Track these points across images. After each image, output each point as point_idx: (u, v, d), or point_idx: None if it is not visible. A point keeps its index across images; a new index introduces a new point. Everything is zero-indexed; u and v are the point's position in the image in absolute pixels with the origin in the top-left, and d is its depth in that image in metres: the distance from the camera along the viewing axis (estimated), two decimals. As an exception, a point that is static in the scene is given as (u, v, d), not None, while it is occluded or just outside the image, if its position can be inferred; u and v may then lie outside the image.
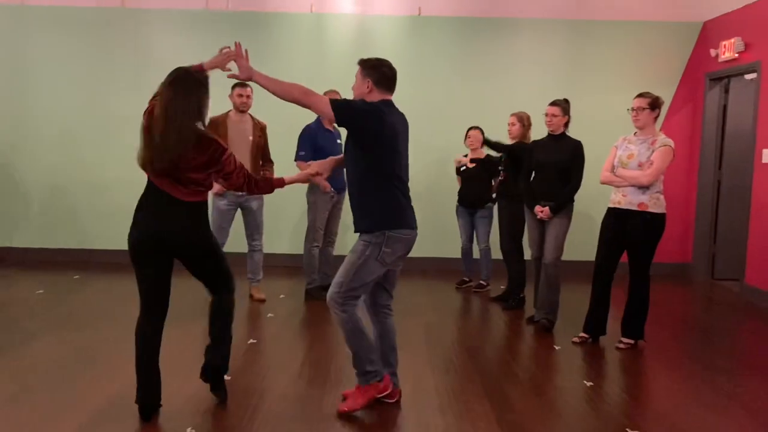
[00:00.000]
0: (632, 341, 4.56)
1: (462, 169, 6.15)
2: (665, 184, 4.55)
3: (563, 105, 4.89)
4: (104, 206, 7.10)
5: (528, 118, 5.59)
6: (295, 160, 5.55)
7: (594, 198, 5.92)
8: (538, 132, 5.23)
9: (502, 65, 7.21)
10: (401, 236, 3.23)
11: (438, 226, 7.17)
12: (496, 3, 6.79)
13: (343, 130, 3.29)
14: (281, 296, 5.82)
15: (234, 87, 5.34)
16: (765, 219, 6.08)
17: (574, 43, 7.23)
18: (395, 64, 3.37)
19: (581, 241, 6.31)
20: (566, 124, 4.93)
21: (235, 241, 5.96)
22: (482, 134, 5.92)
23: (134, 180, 5.03)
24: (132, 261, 3.10)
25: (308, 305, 5.57)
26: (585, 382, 3.86)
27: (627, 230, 4.43)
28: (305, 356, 4.21)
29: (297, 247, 6.37)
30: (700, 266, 7.23)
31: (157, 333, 3.16)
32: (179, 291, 3.43)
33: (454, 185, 6.40)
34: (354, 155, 3.24)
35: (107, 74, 7.12)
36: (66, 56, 7.13)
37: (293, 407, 3.38)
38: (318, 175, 3.48)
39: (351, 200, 3.33)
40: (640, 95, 4.46)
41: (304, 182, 3.37)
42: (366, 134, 3.15)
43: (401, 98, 6.70)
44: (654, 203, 4.36)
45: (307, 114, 5.73)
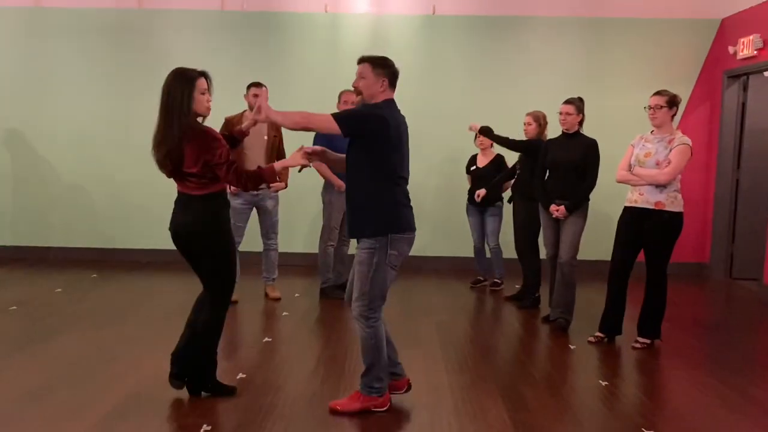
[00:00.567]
0: (648, 341, 4.52)
1: (472, 169, 6.14)
2: (683, 183, 4.52)
3: (577, 103, 4.86)
4: (122, 206, 7.18)
5: (544, 117, 5.56)
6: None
7: (610, 197, 5.88)
8: (555, 131, 5.20)
9: (517, 64, 7.18)
10: (404, 237, 3.23)
11: (451, 225, 7.17)
12: (511, 1, 6.77)
13: None
14: (296, 295, 5.85)
15: (249, 87, 5.38)
16: (784, 218, 6.00)
17: (590, 41, 7.18)
18: (410, 63, 3.41)
19: (597, 241, 6.27)
20: (581, 123, 4.90)
21: (251, 240, 6.00)
22: (488, 131, 5.71)
23: (151, 180, 5.11)
24: None
25: (323, 304, 5.60)
26: (600, 382, 3.84)
27: (644, 229, 4.40)
28: (320, 355, 4.23)
29: (312, 246, 6.39)
30: (718, 265, 7.15)
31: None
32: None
33: (465, 183, 6.37)
34: (357, 159, 3.22)
35: (124, 75, 7.19)
36: (83, 58, 7.21)
37: (307, 405, 3.40)
38: (307, 159, 3.35)
39: (350, 204, 3.26)
40: (657, 93, 4.42)
41: (297, 165, 3.33)
42: (373, 139, 3.15)
43: (414, 97, 6.77)
44: (671, 202, 4.33)
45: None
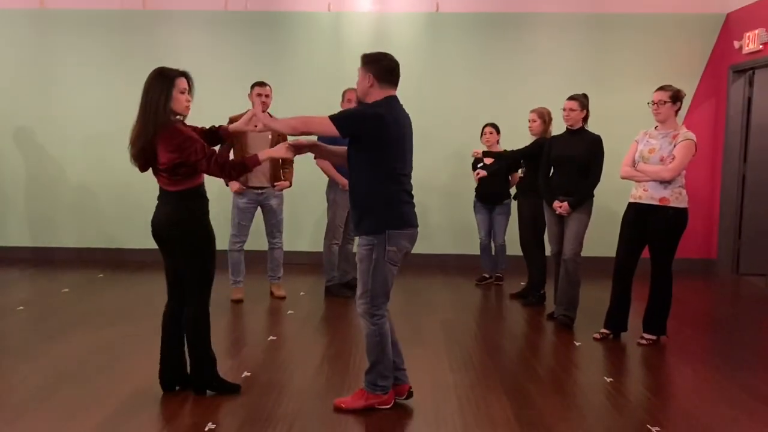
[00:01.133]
0: (654, 337, 4.51)
1: (479, 166, 6.13)
2: (688, 179, 4.49)
3: (581, 99, 4.85)
4: (128, 206, 7.19)
5: (549, 114, 5.55)
6: (315, 158, 5.57)
7: (614, 193, 5.85)
8: (560, 128, 5.19)
9: (521, 60, 7.16)
10: (403, 233, 3.21)
11: (457, 223, 7.18)
12: (514, -2, 6.77)
13: None
14: (301, 293, 5.86)
15: (253, 86, 5.38)
16: (791, 213, 5.96)
17: (594, 37, 7.15)
18: (414, 62, 3.38)
19: (602, 237, 6.25)
20: (585, 119, 4.89)
21: (256, 239, 6.02)
22: (490, 153, 5.91)
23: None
24: None
25: (328, 302, 5.61)
26: (605, 379, 3.83)
27: (648, 225, 4.38)
28: (324, 353, 4.24)
29: (317, 245, 6.40)
30: (725, 261, 7.12)
31: (173, 316, 3.41)
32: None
33: (471, 181, 6.36)
34: (358, 158, 3.21)
35: (129, 75, 7.17)
36: (89, 59, 7.23)
37: (312, 404, 3.40)
38: (293, 151, 3.34)
39: (353, 202, 3.27)
40: (661, 88, 4.40)
41: (284, 156, 3.35)
42: (371, 138, 3.13)
43: (420, 95, 6.77)
44: (676, 198, 4.31)
45: (327, 113, 5.80)
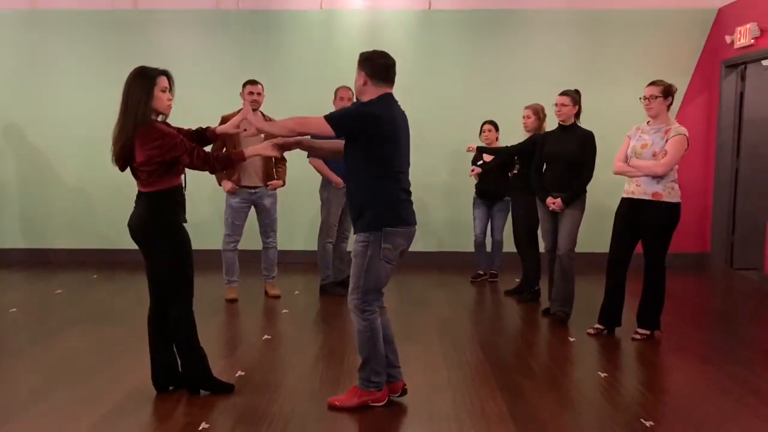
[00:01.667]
0: (648, 332, 4.52)
1: (479, 163, 6.13)
2: (682, 173, 4.51)
3: (573, 95, 4.85)
4: (121, 207, 7.11)
5: (543, 110, 5.56)
6: (308, 156, 5.56)
7: (607, 188, 5.87)
8: (554, 124, 5.19)
9: (514, 57, 7.16)
10: (399, 230, 3.20)
11: (453, 220, 7.18)
12: (507, -6, 6.77)
13: None
14: (296, 292, 5.86)
15: (245, 85, 5.37)
16: (784, 207, 5.98)
17: (587, 33, 7.15)
18: (407, 59, 3.37)
19: (595, 232, 6.26)
20: (577, 115, 4.89)
21: (250, 239, 6.01)
22: (486, 149, 5.98)
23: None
24: None
25: (323, 301, 5.60)
26: (600, 374, 3.84)
27: (641, 220, 4.39)
28: (319, 352, 4.24)
29: (311, 244, 6.39)
30: (719, 255, 7.14)
31: (156, 317, 3.40)
32: (198, 287, 3.46)
33: (467, 179, 6.35)
34: (354, 156, 3.21)
35: (121, 75, 7.05)
36: (81, 59, 7.20)
37: (306, 402, 3.40)
38: (278, 150, 3.35)
39: (350, 200, 3.28)
40: (652, 83, 4.41)
41: (270, 154, 3.36)
42: (367, 137, 3.12)
43: (414, 92, 6.76)
44: (668, 193, 4.31)
45: (320, 112, 5.77)
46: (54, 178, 7.30)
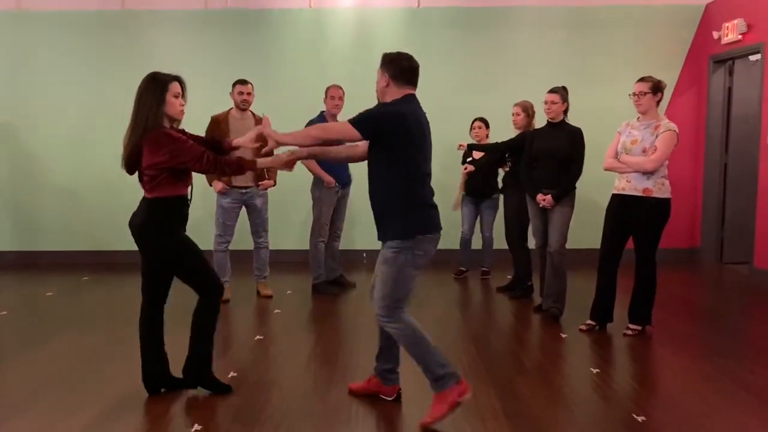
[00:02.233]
0: (639, 327, 4.54)
1: (468, 160, 6.15)
2: (671, 169, 4.53)
3: (562, 92, 4.87)
4: (113, 208, 7.12)
5: (532, 107, 5.58)
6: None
7: (598, 185, 5.88)
8: (543, 121, 5.20)
9: (503, 54, 7.18)
10: (431, 237, 3.14)
11: (442, 218, 7.05)
12: (496, -8, 6.78)
13: None
14: (288, 292, 5.84)
15: (234, 85, 5.35)
16: (773, 201, 6.03)
17: (575, 30, 7.18)
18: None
19: (586, 229, 6.27)
20: (566, 112, 4.91)
21: (241, 239, 5.99)
22: (476, 146, 6.05)
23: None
24: None
25: (315, 300, 5.60)
26: (592, 370, 3.85)
27: (632, 216, 4.41)
28: (312, 351, 4.23)
29: (303, 243, 6.37)
30: (709, 250, 7.18)
31: (147, 317, 3.40)
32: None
33: (457, 176, 6.36)
34: (379, 159, 3.12)
35: (111, 76, 7.13)
36: (69, 60, 7.15)
37: (300, 402, 3.39)
38: (290, 167, 3.35)
39: (375, 207, 3.16)
40: (641, 80, 4.43)
41: (281, 169, 3.33)
42: (393, 137, 3.04)
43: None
44: (659, 189, 4.34)
45: (311, 111, 5.79)
46: (43, 180, 7.25)
